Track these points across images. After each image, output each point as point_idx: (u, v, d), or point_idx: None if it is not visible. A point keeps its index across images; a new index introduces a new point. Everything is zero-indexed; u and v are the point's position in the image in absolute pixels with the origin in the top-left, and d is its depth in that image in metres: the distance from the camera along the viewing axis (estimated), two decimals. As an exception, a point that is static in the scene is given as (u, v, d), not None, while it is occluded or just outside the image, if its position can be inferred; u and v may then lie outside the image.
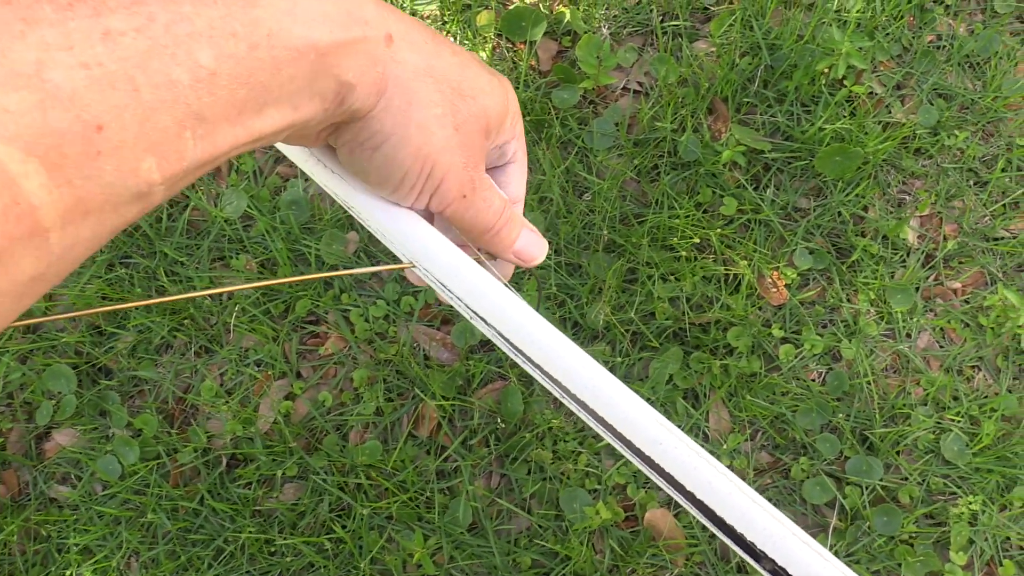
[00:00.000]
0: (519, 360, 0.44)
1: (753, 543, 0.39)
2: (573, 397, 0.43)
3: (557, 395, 0.44)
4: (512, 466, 1.50)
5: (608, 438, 0.43)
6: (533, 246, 0.50)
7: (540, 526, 1.46)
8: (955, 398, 1.54)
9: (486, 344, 1.57)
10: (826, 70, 1.62)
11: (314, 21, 0.34)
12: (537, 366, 0.44)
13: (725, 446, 1.50)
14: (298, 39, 0.33)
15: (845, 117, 1.64)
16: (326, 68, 0.35)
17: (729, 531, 0.40)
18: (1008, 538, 1.48)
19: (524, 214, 0.55)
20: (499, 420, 1.49)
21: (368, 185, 0.44)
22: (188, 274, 1.60)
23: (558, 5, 1.77)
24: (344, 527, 1.45)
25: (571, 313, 1.53)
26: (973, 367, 1.57)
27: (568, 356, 0.43)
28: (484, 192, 0.45)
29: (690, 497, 0.41)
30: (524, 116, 1.65)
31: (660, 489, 1.52)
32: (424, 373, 1.52)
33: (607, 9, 1.76)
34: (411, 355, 1.55)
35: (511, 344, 0.44)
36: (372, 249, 1.62)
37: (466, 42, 1.72)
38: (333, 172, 0.46)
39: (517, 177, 0.51)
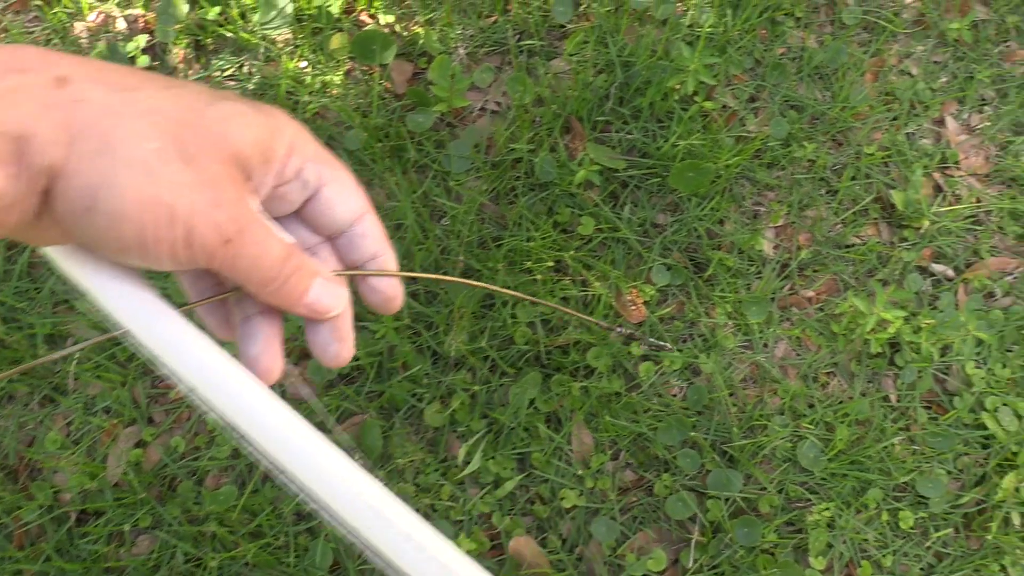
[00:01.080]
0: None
1: None
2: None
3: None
4: (376, 501, 1.47)
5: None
6: (327, 297, 0.44)
7: (403, 561, 1.44)
8: (811, 405, 1.57)
9: (345, 376, 1.54)
10: (677, 86, 1.63)
11: None
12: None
13: (590, 468, 1.51)
14: None
15: (699, 132, 1.66)
16: None
17: None
18: (866, 540, 1.52)
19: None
20: (357, 456, 1.46)
21: (117, 259, 0.38)
22: (30, 320, 1.53)
23: (414, 26, 1.74)
24: (200, 577, 1.41)
25: (428, 343, 1.51)
26: (828, 373, 1.61)
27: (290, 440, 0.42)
28: (256, 235, 0.39)
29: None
30: (379, 141, 1.62)
31: (526, 515, 1.51)
32: (280, 412, 1.48)
33: (463, 29, 1.74)
34: (268, 393, 1.50)
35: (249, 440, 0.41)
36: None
37: (320, 66, 1.68)
38: (74, 264, 0.40)
39: (339, 201, 0.45)
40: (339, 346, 0.47)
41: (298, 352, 1.55)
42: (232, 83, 1.71)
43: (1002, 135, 1.79)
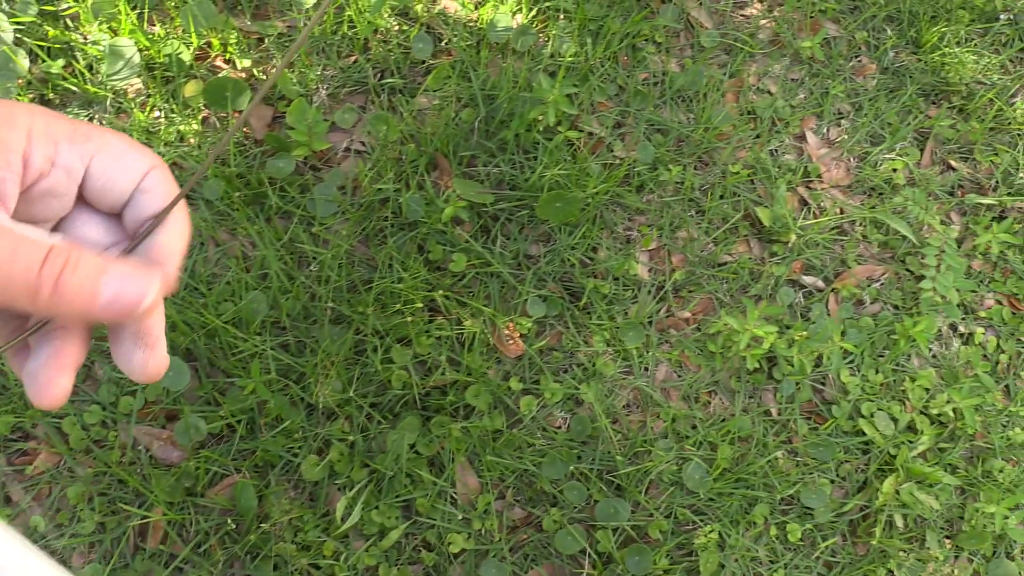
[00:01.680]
0: None
1: None
2: None
3: None
4: (255, 564, 1.41)
5: None
6: (130, 287, 0.36)
7: (284, 627, 1.38)
8: (693, 426, 1.57)
9: (216, 436, 1.47)
10: (540, 117, 1.63)
11: None
12: None
13: (476, 509, 1.47)
14: None
15: (567, 161, 1.66)
16: None
17: None
18: (756, 557, 1.52)
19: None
20: (229, 520, 1.39)
21: None
22: None
23: (272, 68, 1.70)
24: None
25: (300, 395, 1.46)
26: (709, 392, 1.62)
27: None
28: None
29: None
30: (239, 190, 1.57)
31: (414, 563, 1.47)
32: (143, 480, 1.40)
33: (324, 69, 1.71)
34: (134, 459, 1.43)
35: None
36: None
37: (174, 116, 1.63)
38: None
39: (112, 170, 0.40)
40: (146, 354, 0.40)
41: (164, 415, 1.47)
42: (83, 138, 1.63)
43: (860, 147, 1.85)
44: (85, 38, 1.65)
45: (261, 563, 1.41)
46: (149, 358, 0.40)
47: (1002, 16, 2.03)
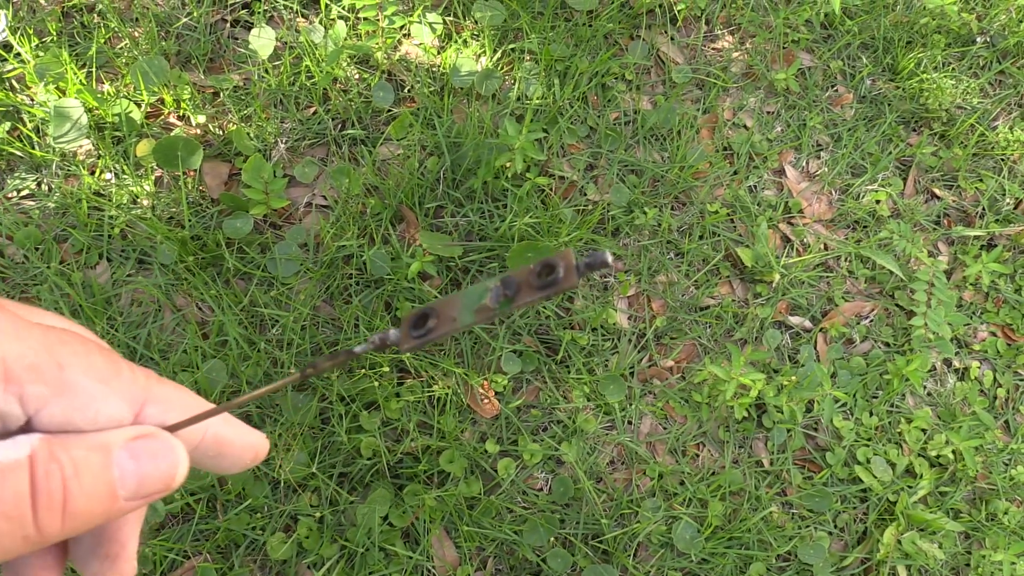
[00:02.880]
0: None
1: None
2: None
3: None
4: (219, 655, 1.31)
5: None
6: (153, 460, 0.30)
7: None
8: (681, 482, 1.49)
9: (176, 516, 1.38)
10: (508, 164, 1.57)
11: None
12: None
13: (455, 582, 1.38)
14: None
15: (537, 208, 1.60)
16: None
17: None
18: (754, 618, 1.43)
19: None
20: (189, 610, 1.30)
21: None
22: None
23: (228, 124, 1.63)
24: None
25: (260, 470, 1.38)
26: (697, 444, 1.54)
27: None
28: None
29: None
30: (195, 252, 1.49)
31: (391, 645, 1.37)
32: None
33: (282, 122, 1.64)
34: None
35: None
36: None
37: (125, 177, 1.55)
38: None
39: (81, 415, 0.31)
40: (104, 566, 0.33)
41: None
42: (31, 202, 1.56)
43: (841, 179, 1.80)
44: (32, 100, 1.58)
45: (226, 653, 1.31)
46: (108, 571, 0.32)
47: (978, 39, 1.98)
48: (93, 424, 0.30)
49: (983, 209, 1.84)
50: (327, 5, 1.71)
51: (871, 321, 1.69)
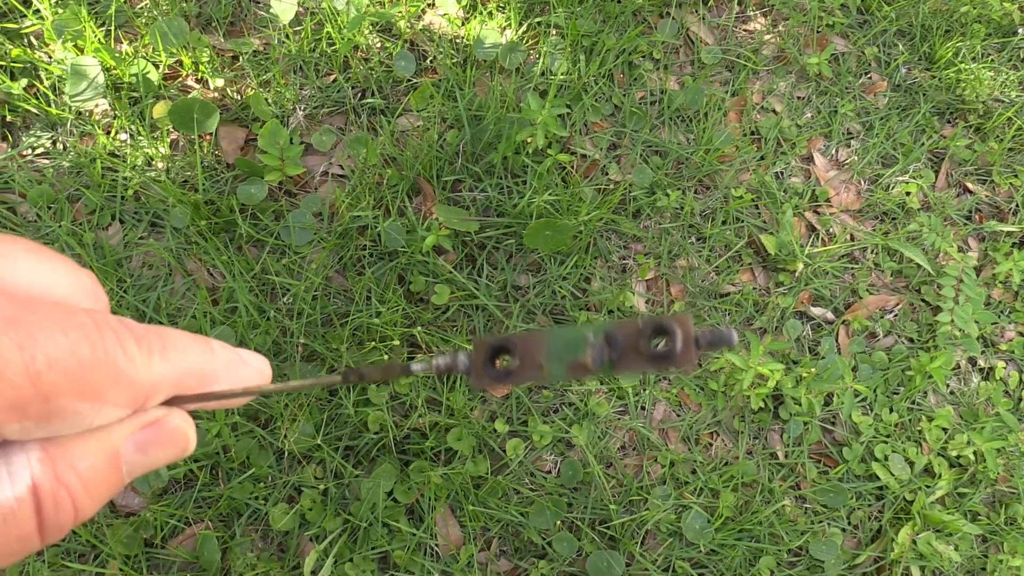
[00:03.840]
0: None
1: None
2: None
3: None
4: (217, 623, 1.30)
5: None
6: (162, 456, 0.29)
7: None
8: (693, 471, 1.46)
9: (179, 483, 1.37)
10: (529, 140, 1.53)
11: None
12: None
13: (458, 561, 1.36)
14: None
15: (558, 186, 1.56)
16: None
17: None
18: (761, 613, 1.40)
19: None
20: (190, 575, 1.29)
21: None
22: None
23: (247, 89, 1.61)
24: None
25: (266, 439, 1.36)
26: (711, 434, 1.51)
27: None
28: None
29: None
30: (208, 216, 1.47)
31: (390, 622, 1.36)
32: (97, 531, 1.30)
33: (301, 89, 1.61)
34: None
35: None
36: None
37: (141, 139, 1.53)
38: None
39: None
40: None
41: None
42: (45, 161, 1.54)
43: (871, 168, 1.75)
44: (49, 57, 1.56)
45: (224, 622, 1.30)
46: None
47: (1020, 30, 1.92)
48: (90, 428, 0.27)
49: (1017, 206, 1.79)
50: (351, -29, 1.67)
51: (895, 316, 1.65)
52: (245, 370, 0.32)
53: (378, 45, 1.65)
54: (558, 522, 1.38)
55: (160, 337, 0.27)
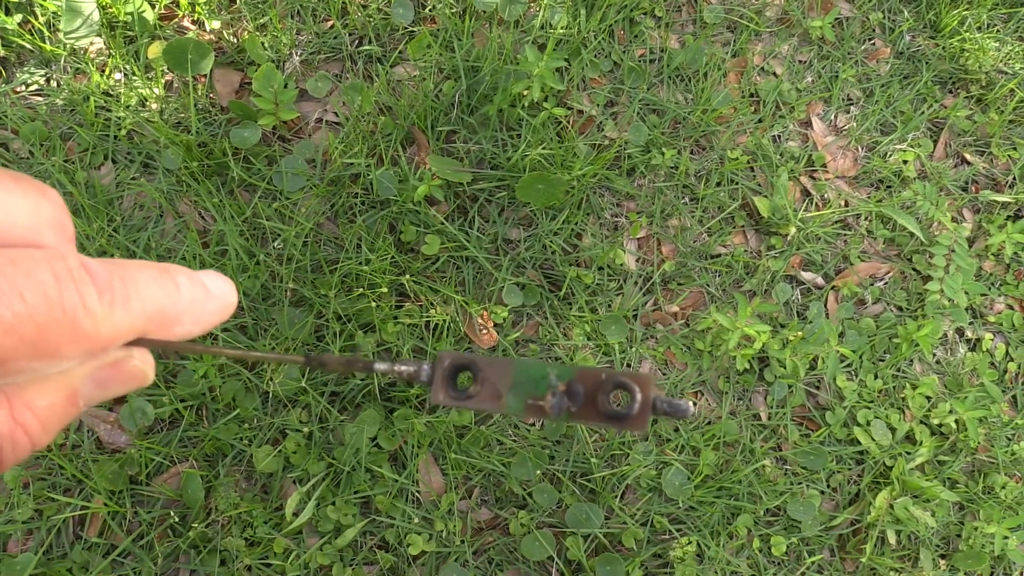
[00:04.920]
0: None
1: None
2: None
3: None
4: (200, 559, 1.32)
5: None
6: (120, 389, 0.30)
7: (227, 628, 1.29)
8: (676, 429, 1.47)
9: (165, 422, 1.38)
10: (525, 92, 1.52)
11: None
12: None
13: (439, 508, 1.38)
14: None
15: (552, 140, 1.55)
16: None
17: None
18: (737, 571, 1.42)
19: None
20: (172, 512, 1.30)
21: None
22: None
23: (243, 32, 1.59)
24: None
25: (252, 381, 1.37)
26: (696, 392, 1.52)
27: None
28: None
29: None
30: (200, 159, 1.47)
31: (370, 563, 1.38)
32: (83, 467, 1.31)
33: (297, 34, 1.60)
34: (78, 443, 1.34)
35: None
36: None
37: (135, 79, 1.52)
38: None
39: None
40: None
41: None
42: (39, 98, 1.53)
43: (869, 135, 1.73)
44: (44, -8, 1.55)
45: (207, 557, 1.32)
46: None
47: (1028, 1, 1.89)
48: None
49: (1014, 178, 1.78)
50: (352, -85, 1.65)
51: (886, 283, 1.65)
52: (210, 304, 0.31)
53: (377, -8, 1.63)
54: (539, 473, 1.40)
55: (123, 282, 0.27)
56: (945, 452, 1.55)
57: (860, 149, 1.73)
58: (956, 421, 1.53)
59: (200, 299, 0.30)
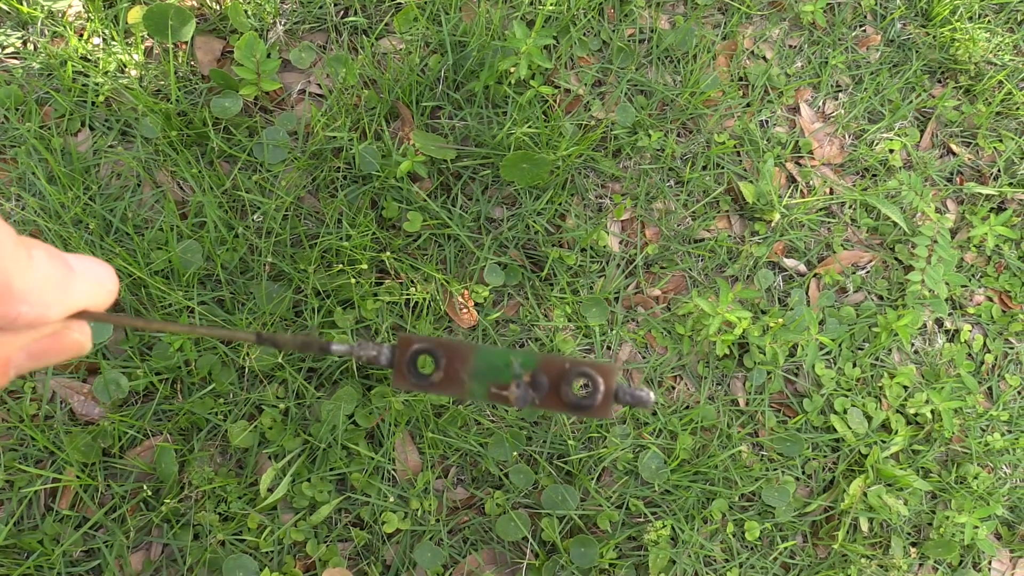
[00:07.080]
0: None
1: None
2: None
3: None
4: (172, 533, 1.31)
5: None
6: (55, 359, 0.30)
7: (198, 603, 1.29)
8: (654, 413, 1.47)
9: (140, 394, 1.37)
10: (512, 69, 1.50)
11: None
12: None
13: (415, 487, 1.37)
14: None
15: (538, 119, 1.53)
16: None
17: None
18: (710, 555, 1.43)
19: None
20: (145, 486, 1.29)
21: None
22: None
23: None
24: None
25: (228, 356, 1.35)
26: (675, 377, 1.52)
27: None
28: None
29: None
30: (180, 128, 1.44)
31: (344, 541, 1.37)
32: (55, 438, 1.30)
33: (281, 3, 1.57)
34: (51, 413, 1.32)
35: None
36: None
37: (114, 42, 1.49)
38: None
39: None
40: None
41: (85, 368, 1.36)
42: (15, 61, 1.50)
43: (857, 123, 1.73)
44: (20, -49, 1.50)
45: (180, 532, 1.31)
46: None
47: (1020, -8, 1.89)
48: None
49: (999, 170, 1.78)
50: None
51: (867, 272, 1.65)
52: (77, 285, 0.29)
53: (364, -38, 1.60)
54: (516, 454, 1.40)
55: None
56: (920, 441, 1.56)
57: (847, 137, 1.73)
58: (932, 411, 1.54)
59: (57, 280, 0.28)
